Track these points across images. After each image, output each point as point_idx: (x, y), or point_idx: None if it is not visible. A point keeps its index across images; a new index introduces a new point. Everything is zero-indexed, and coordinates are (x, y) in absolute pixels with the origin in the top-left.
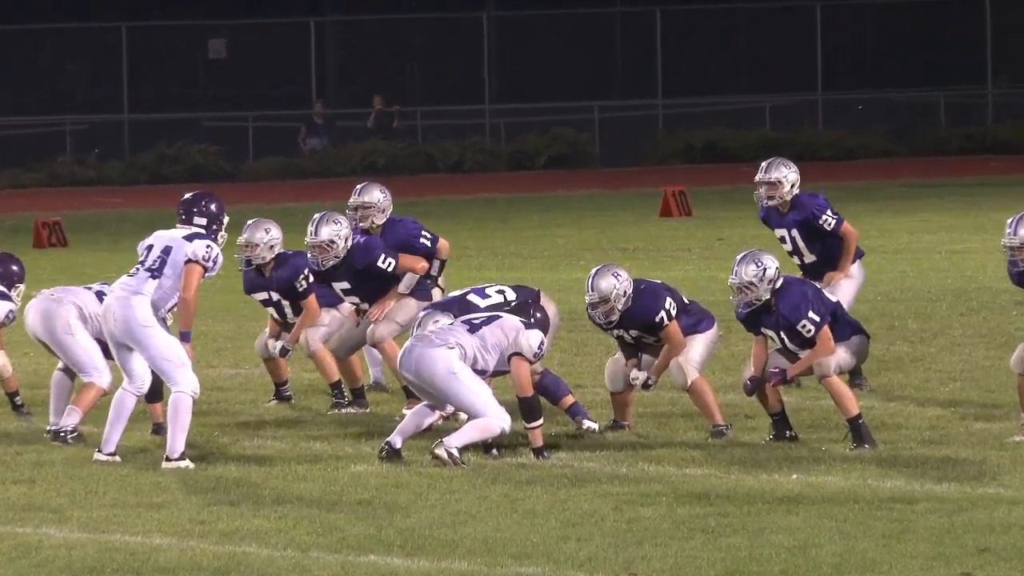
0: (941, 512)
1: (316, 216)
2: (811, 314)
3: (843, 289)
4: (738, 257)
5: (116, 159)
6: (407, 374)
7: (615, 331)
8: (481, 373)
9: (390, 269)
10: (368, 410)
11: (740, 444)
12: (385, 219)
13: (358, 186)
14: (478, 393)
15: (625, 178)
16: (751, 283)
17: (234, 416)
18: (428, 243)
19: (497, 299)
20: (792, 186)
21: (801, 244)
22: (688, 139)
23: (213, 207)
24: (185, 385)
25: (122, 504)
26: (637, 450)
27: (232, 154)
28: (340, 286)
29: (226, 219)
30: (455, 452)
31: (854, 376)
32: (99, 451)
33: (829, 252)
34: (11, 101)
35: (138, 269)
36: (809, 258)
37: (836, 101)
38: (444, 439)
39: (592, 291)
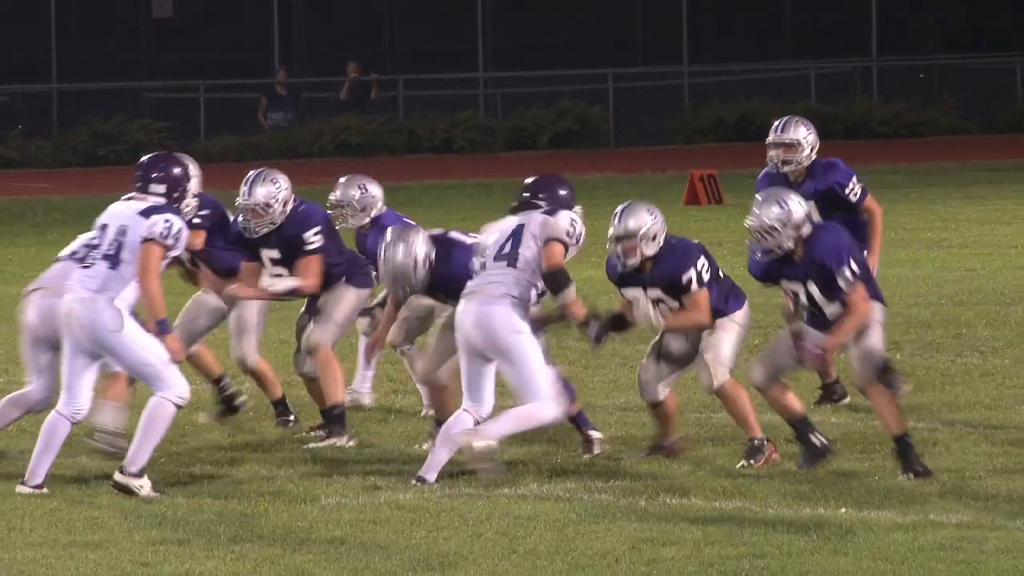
0: (1016, 552)
1: (251, 174)
2: (853, 263)
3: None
4: (758, 197)
5: (42, 137)
6: (465, 335)
7: (631, 290)
8: (539, 297)
9: (312, 248)
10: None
11: (779, 472)
12: (368, 219)
13: (341, 179)
14: (539, 366)
15: (645, 159)
16: (772, 227)
17: (182, 439)
18: None
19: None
20: (812, 150)
21: (817, 218)
22: (719, 113)
23: (175, 170)
24: (171, 389)
25: (51, 543)
26: (658, 480)
27: (180, 131)
28: (269, 254)
29: (192, 183)
30: (495, 444)
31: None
32: (23, 483)
33: (849, 229)
34: None
35: (92, 256)
36: None
37: (894, 68)
38: (480, 426)
39: (619, 223)
